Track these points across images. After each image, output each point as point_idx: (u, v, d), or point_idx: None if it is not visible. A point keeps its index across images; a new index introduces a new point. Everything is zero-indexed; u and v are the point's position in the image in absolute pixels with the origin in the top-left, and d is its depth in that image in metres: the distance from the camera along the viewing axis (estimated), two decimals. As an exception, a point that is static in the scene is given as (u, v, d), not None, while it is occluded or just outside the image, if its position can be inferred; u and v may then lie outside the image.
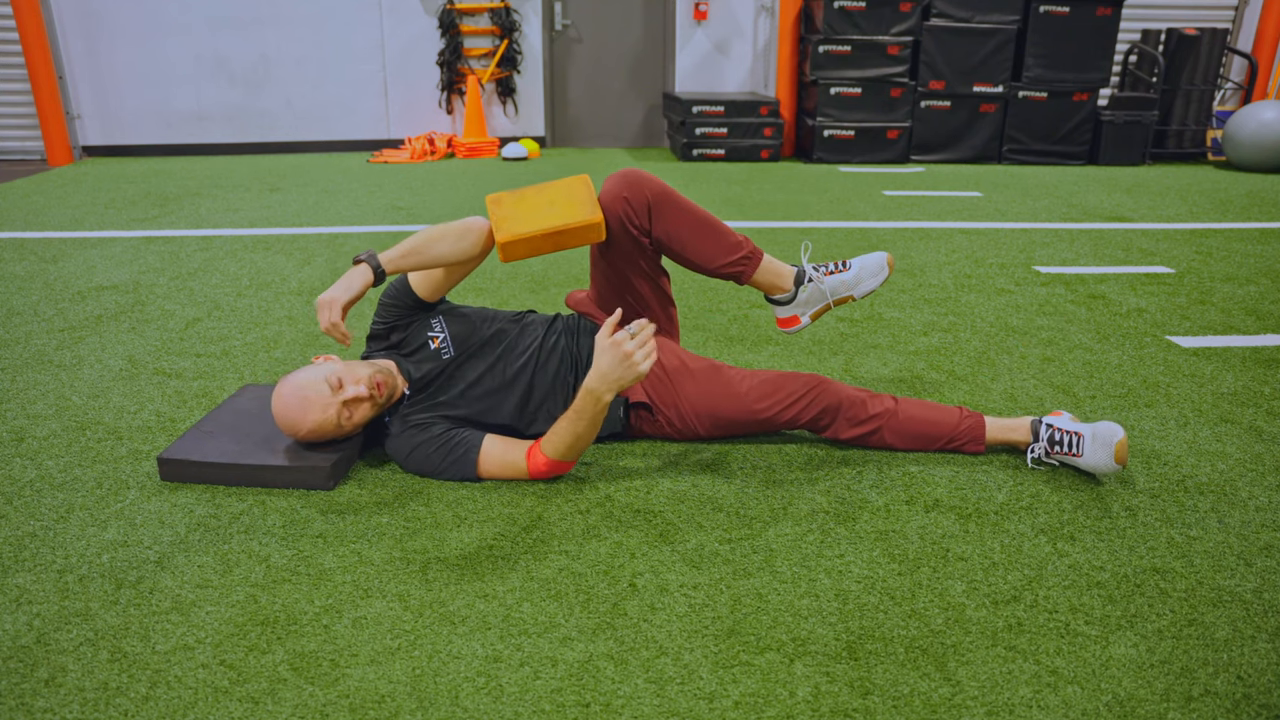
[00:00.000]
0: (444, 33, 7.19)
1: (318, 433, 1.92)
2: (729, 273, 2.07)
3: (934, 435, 2.06)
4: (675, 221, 2.01)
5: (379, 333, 2.08)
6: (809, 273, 2.13)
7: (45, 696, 1.33)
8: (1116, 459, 1.90)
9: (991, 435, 2.06)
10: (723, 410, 2.06)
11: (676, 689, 1.34)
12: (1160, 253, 4.10)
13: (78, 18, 6.79)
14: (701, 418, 2.07)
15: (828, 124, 6.77)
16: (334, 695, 1.33)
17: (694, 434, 2.11)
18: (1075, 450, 1.96)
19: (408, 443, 1.96)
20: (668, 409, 2.08)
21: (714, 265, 2.05)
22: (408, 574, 1.62)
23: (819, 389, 2.04)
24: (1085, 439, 1.95)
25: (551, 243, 1.94)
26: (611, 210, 1.98)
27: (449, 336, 2.04)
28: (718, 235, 2.04)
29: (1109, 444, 1.91)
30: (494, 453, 1.94)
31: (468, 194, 5.43)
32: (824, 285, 2.13)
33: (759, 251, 2.09)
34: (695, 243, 2.03)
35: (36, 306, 3.19)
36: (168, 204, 5.13)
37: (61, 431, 2.19)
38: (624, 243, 2.02)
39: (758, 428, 2.08)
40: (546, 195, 1.98)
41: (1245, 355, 2.77)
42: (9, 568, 1.64)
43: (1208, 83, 7.07)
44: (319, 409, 1.87)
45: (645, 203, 1.98)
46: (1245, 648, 1.44)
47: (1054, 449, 1.99)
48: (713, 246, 2.04)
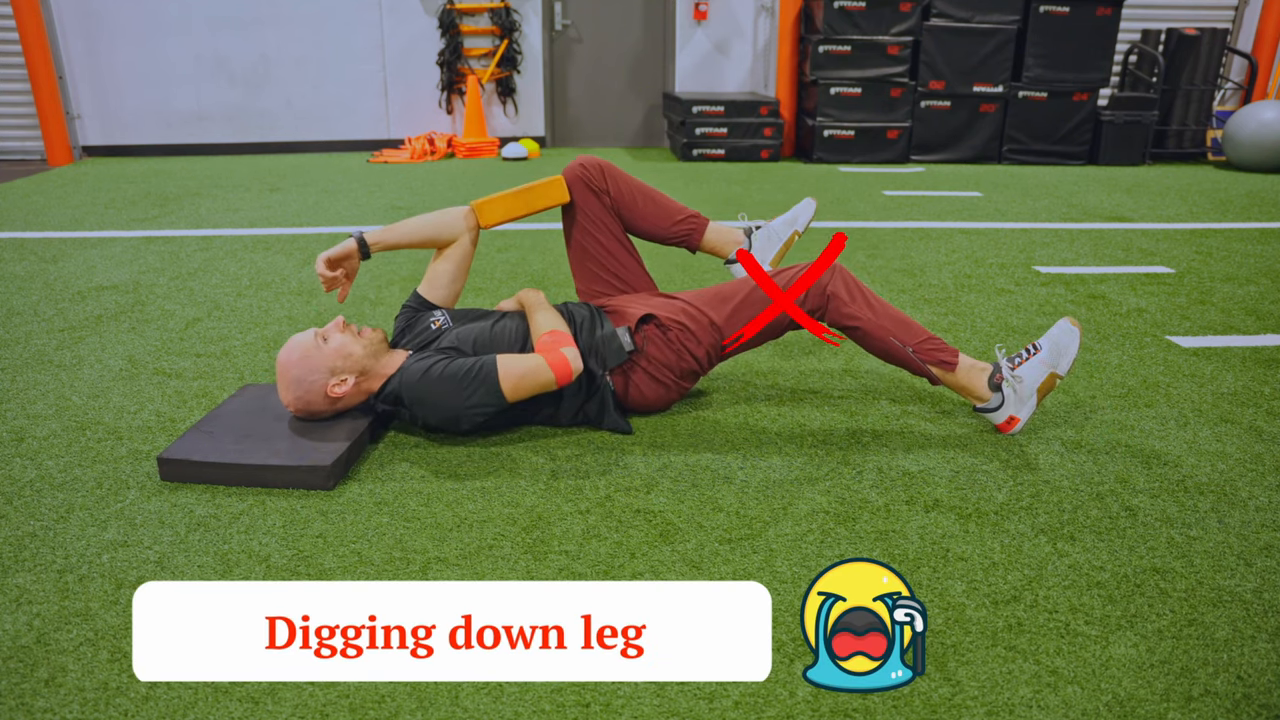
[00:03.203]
0: (444, 33, 7.19)
1: (296, 351, 2.00)
2: (680, 233, 2.38)
3: (914, 329, 2.14)
4: (626, 188, 2.34)
5: (394, 341, 2.25)
6: (753, 225, 2.46)
7: (45, 696, 1.33)
8: (1071, 322, 2.11)
9: (961, 365, 2.14)
10: (726, 289, 2.21)
11: (676, 689, 1.34)
12: (1160, 253, 4.10)
13: (78, 18, 6.79)
14: (709, 302, 2.19)
15: (828, 124, 6.77)
16: (334, 695, 1.33)
17: (709, 338, 2.17)
18: (1034, 350, 2.12)
19: (423, 371, 2.02)
20: (676, 313, 2.18)
21: (666, 224, 2.37)
22: (408, 574, 1.62)
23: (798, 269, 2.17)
24: (1042, 341, 2.13)
25: (522, 201, 2.27)
26: (572, 174, 2.31)
27: (448, 316, 2.26)
28: (665, 202, 2.39)
29: (1062, 324, 2.12)
30: (510, 360, 2.02)
31: (468, 194, 5.43)
32: (773, 225, 2.46)
33: (704, 218, 2.41)
34: (645, 208, 2.35)
35: (36, 306, 3.19)
36: (168, 204, 5.13)
37: (61, 431, 2.19)
38: (588, 203, 2.32)
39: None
40: (521, 187, 2.32)
41: (1245, 355, 2.77)
42: (9, 568, 1.64)
43: (1208, 83, 7.07)
44: (299, 338, 2.03)
45: (599, 168, 2.32)
46: (1245, 648, 1.44)
47: (1015, 363, 2.13)
48: (661, 210, 2.37)
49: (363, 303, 3.22)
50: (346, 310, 3.11)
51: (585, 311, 2.25)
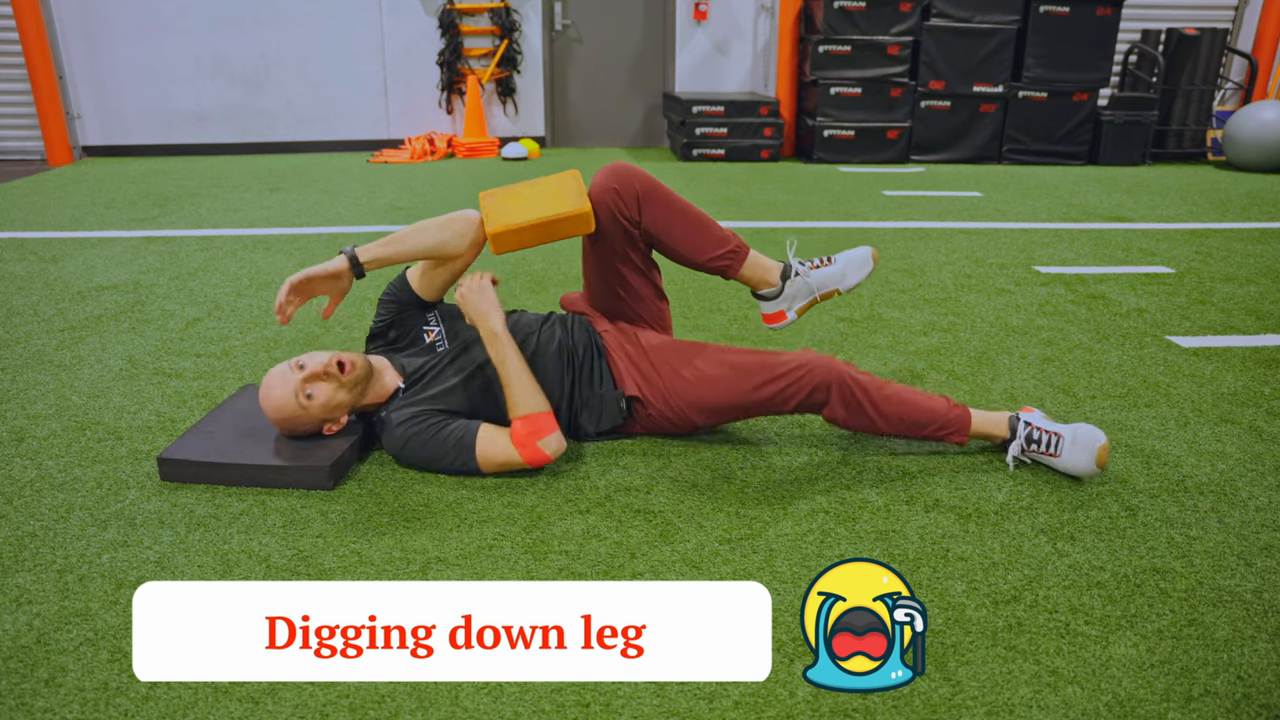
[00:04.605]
0: (444, 33, 7.19)
1: (283, 412, 1.94)
2: (716, 266, 2.09)
3: (921, 421, 2.03)
4: (664, 214, 2.03)
5: (378, 331, 2.15)
6: (795, 267, 2.14)
7: (45, 696, 1.33)
8: (1098, 463, 1.90)
9: (975, 426, 2.05)
10: (709, 399, 2.03)
11: (676, 689, 1.34)
12: (1160, 253, 4.10)
13: (78, 18, 6.79)
14: (692, 407, 2.05)
15: (828, 124, 6.77)
16: (334, 695, 1.33)
17: (690, 424, 2.09)
18: (1053, 450, 1.96)
19: (403, 434, 1.96)
20: (657, 400, 2.06)
21: (702, 258, 2.08)
22: (408, 574, 1.62)
23: (808, 366, 1.99)
24: (1064, 440, 1.95)
25: (542, 233, 1.98)
26: (601, 201, 2.00)
27: (444, 331, 2.10)
28: (705, 229, 2.08)
29: (1090, 448, 1.91)
30: (488, 439, 1.94)
31: (468, 194, 5.43)
32: (810, 279, 2.14)
33: (746, 246, 2.11)
34: (684, 235, 2.06)
35: (36, 306, 3.19)
36: (168, 204, 5.13)
37: (61, 431, 2.19)
38: (614, 234, 2.04)
39: (753, 411, 2.05)
40: (537, 189, 2.04)
41: (1245, 355, 2.77)
42: (9, 568, 1.64)
43: (1208, 83, 7.07)
44: (280, 383, 1.92)
45: (634, 194, 2.00)
46: (1245, 648, 1.44)
47: (1030, 447, 2.00)
48: (701, 239, 2.07)
49: (362, 303, 3.21)
50: (343, 311, 3.11)
51: (584, 341, 2.10)
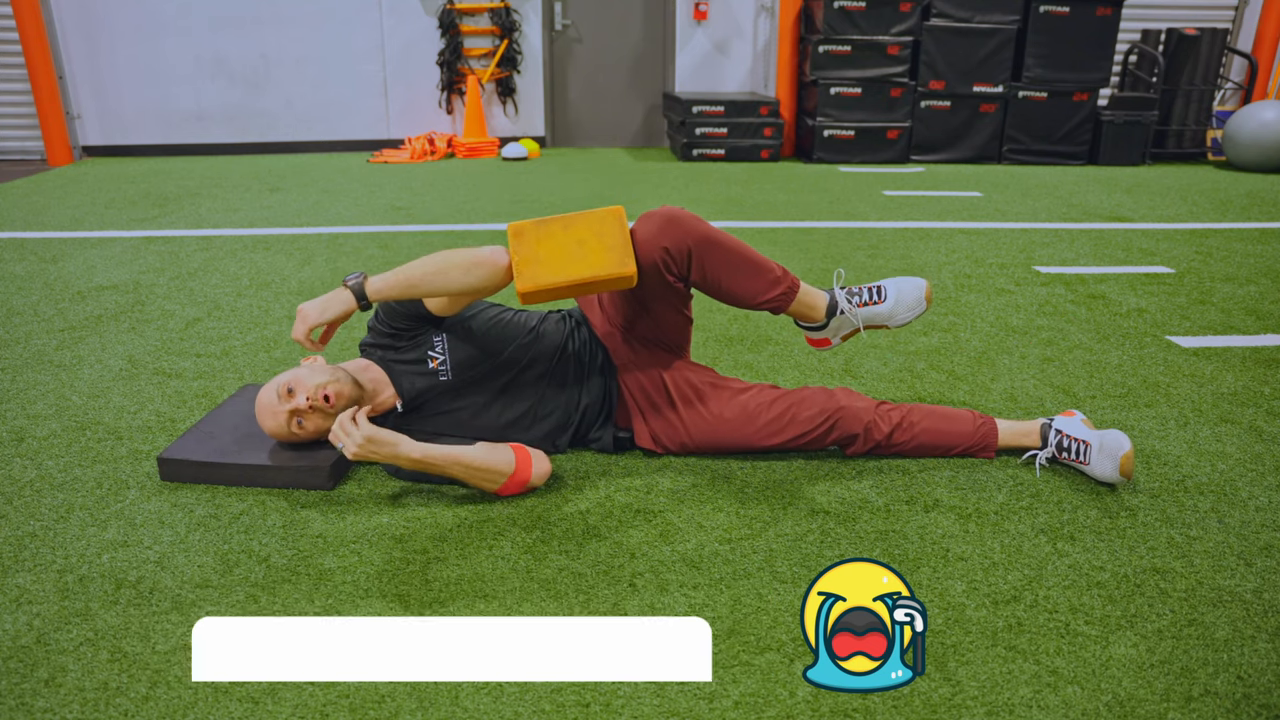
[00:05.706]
0: (444, 33, 7.19)
1: (278, 436, 1.94)
2: (767, 308, 2.00)
3: (949, 446, 2.05)
4: (716, 265, 1.90)
5: (379, 332, 2.01)
6: (841, 305, 2.06)
7: (45, 696, 1.33)
8: (1121, 471, 1.88)
9: (1003, 441, 2.06)
10: (727, 441, 2.04)
11: (676, 689, 1.34)
12: (1160, 253, 4.10)
13: (78, 18, 6.79)
14: (710, 445, 2.05)
15: (828, 124, 6.77)
16: (334, 695, 1.33)
17: (703, 454, 2.09)
18: (1082, 458, 1.96)
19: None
20: (673, 446, 2.06)
21: (753, 302, 1.97)
22: (408, 574, 1.62)
23: (834, 419, 1.99)
24: (1092, 448, 1.94)
25: (577, 291, 1.81)
26: (648, 258, 1.85)
27: (450, 362, 1.97)
28: (758, 273, 1.95)
29: (1114, 455, 1.89)
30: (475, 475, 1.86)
31: (468, 194, 5.43)
32: (856, 320, 2.08)
33: (797, 283, 2.00)
34: (735, 282, 1.93)
35: (36, 306, 3.19)
36: (168, 204, 5.13)
37: (61, 431, 2.19)
38: (656, 284, 1.91)
39: (772, 451, 2.06)
40: (575, 233, 1.80)
41: (1245, 355, 2.77)
42: (9, 568, 1.64)
43: (1208, 83, 7.07)
44: (270, 415, 1.91)
45: (686, 250, 1.86)
46: (1245, 648, 1.44)
47: (1061, 454, 2.00)
48: (753, 284, 1.95)
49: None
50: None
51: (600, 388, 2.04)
